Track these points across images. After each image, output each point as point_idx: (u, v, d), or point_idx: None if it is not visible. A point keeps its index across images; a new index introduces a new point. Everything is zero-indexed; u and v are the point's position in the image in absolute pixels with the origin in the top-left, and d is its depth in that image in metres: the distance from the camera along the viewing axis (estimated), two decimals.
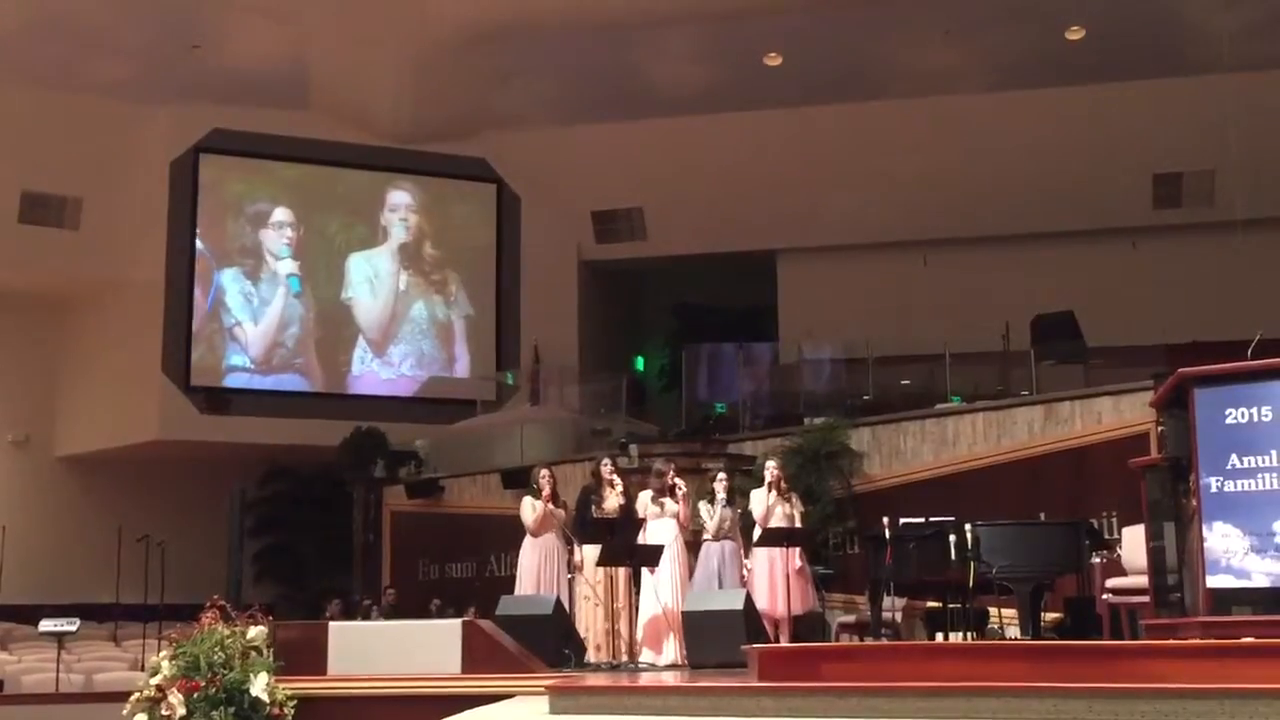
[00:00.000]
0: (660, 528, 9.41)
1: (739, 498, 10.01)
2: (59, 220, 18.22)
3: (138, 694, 6.99)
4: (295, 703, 6.87)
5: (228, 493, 15.07)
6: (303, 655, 7.12)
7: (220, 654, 6.84)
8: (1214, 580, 5.77)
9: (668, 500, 9.52)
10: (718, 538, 9.66)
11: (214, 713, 6.70)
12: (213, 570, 14.60)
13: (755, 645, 6.58)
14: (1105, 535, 9.82)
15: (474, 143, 19.63)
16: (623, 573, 9.31)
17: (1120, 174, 17.30)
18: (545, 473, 9.90)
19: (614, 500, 9.62)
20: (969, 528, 7.99)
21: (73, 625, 12.33)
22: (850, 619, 10.78)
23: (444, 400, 19.07)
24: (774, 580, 9.58)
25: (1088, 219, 17.49)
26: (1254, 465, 5.73)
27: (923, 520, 8.74)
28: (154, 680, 6.92)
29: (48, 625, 12.34)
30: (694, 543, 9.84)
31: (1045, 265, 17.24)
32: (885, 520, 8.73)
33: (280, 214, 19.40)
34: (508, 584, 10.67)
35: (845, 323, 16.49)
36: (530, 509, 9.77)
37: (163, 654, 7.09)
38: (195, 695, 6.74)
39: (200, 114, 18.76)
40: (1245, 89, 15.78)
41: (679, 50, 17.83)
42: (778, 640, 9.23)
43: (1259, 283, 15.94)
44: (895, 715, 5.03)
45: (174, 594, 13.79)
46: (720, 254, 19.18)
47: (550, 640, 8.21)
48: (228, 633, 6.95)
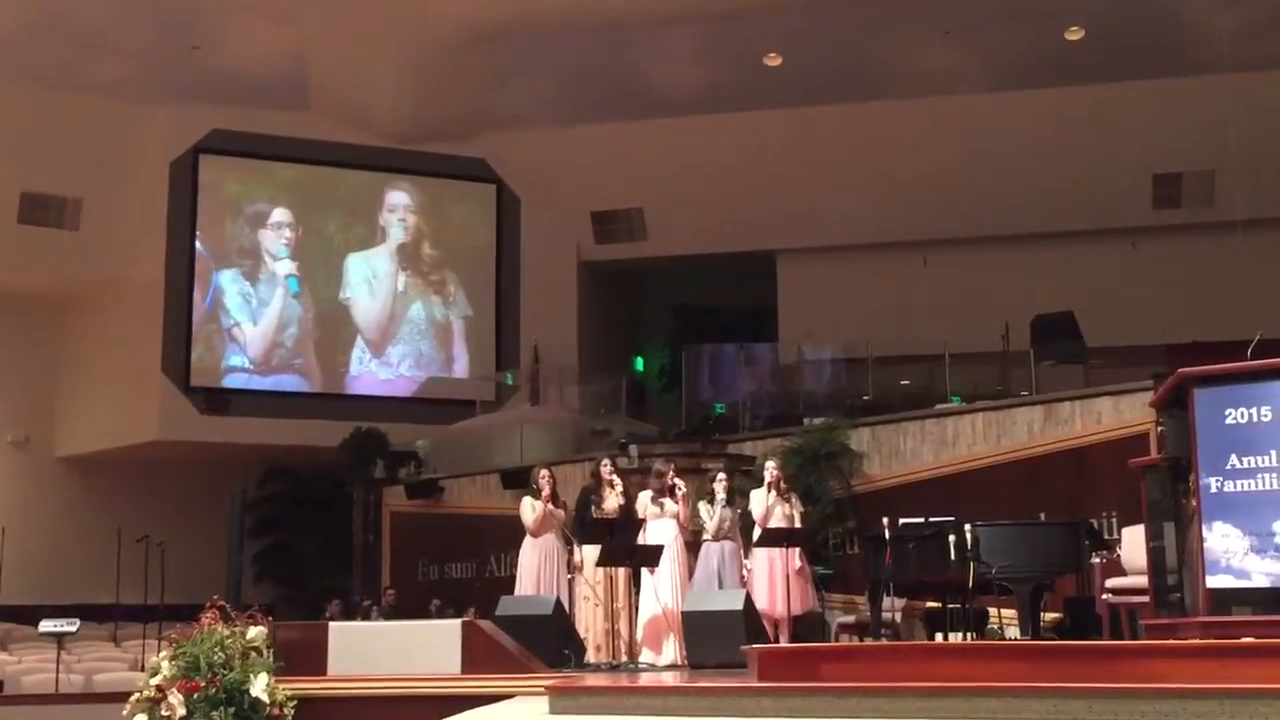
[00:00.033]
0: (660, 528, 9.41)
1: (739, 498, 10.01)
2: (59, 221, 18.22)
3: (138, 694, 6.99)
4: (295, 703, 6.87)
5: (227, 493, 15.06)
6: (303, 655, 7.12)
7: (220, 654, 6.84)
8: (1214, 580, 5.77)
9: (667, 500, 9.53)
10: (717, 538, 9.67)
11: (214, 713, 6.70)
12: (212, 571, 14.60)
13: (755, 645, 6.58)
14: (1105, 535, 9.82)
15: (474, 143, 19.63)
16: (622, 573, 9.31)
17: (1120, 174, 17.30)
18: (545, 473, 9.90)
19: (614, 500, 9.63)
20: (969, 528, 7.99)
21: (73, 626, 12.32)
22: (850, 619, 10.78)
23: (443, 400, 19.05)
24: (774, 580, 9.58)
25: (1088, 219, 17.48)
26: (1254, 465, 5.73)
27: (922, 520, 8.74)
28: (154, 681, 6.92)
29: (48, 626, 12.33)
30: (694, 543, 9.85)
31: (1045, 265, 17.24)
32: (885, 520, 8.73)
33: (279, 214, 19.40)
34: (507, 584, 10.67)
35: (845, 323, 16.47)
36: (530, 509, 9.77)
37: (163, 654, 7.09)
38: (195, 696, 6.74)
39: (200, 114, 18.76)
40: (1245, 89, 15.78)
41: (679, 50, 17.82)
42: (777, 640, 9.23)
43: (1259, 283, 15.93)
44: (895, 715, 5.03)
45: (174, 594, 13.79)
46: (720, 254, 19.16)
47: (550, 640, 8.21)
48: (228, 633, 6.95)
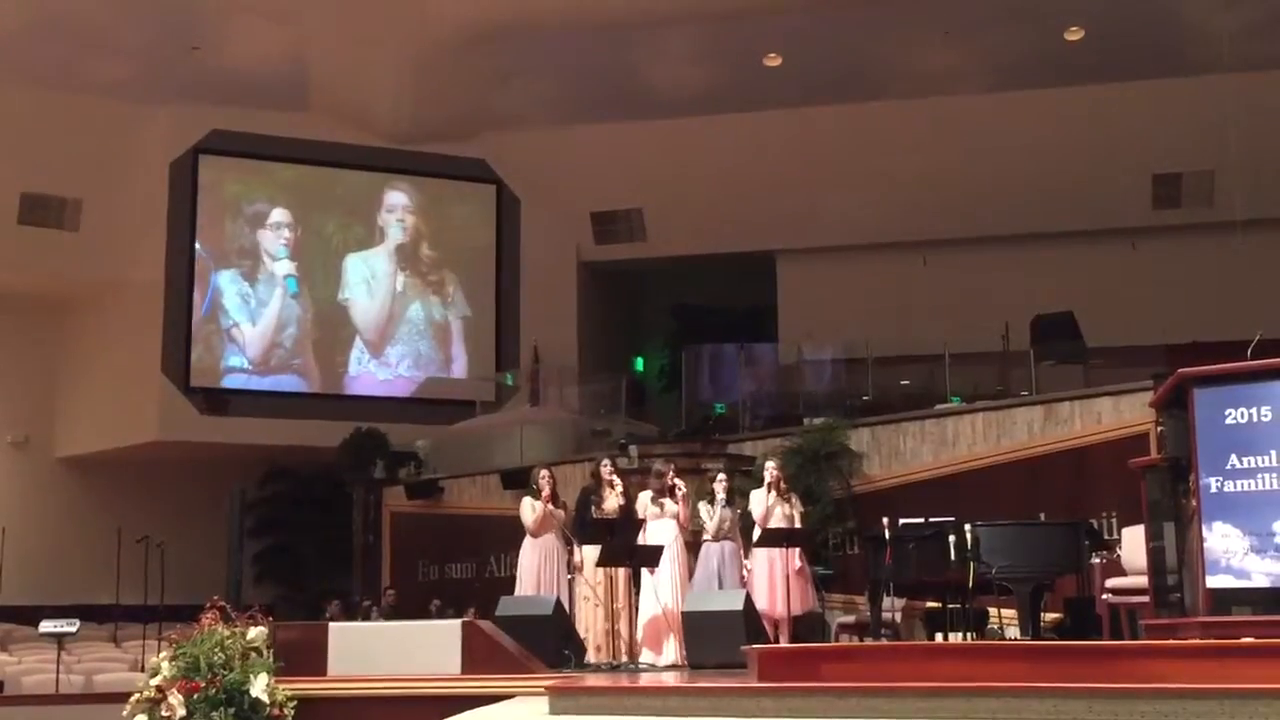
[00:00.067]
0: (660, 528, 9.41)
1: (738, 498, 10.02)
2: (58, 221, 18.21)
3: (138, 695, 6.99)
4: (295, 703, 6.87)
5: (227, 494, 15.06)
6: (303, 656, 7.12)
7: (220, 655, 6.84)
8: (1214, 580, 5.77)
9: (667, 501, 9.53)
10: (717, 538, 9.67)
11: (214, 713, 6.71)
12: (212, 571, 14.60)
13: (755, 646, 6.58)
14: (1105, 535, 9.82)
15: (474, 144, 19.62)
16: (622, 573, 9.31)
17: (1120, 174, 17.29)
18: (545, 473, 9.91)
19: (614, 501, 9.63)
20: (969, 528, 7.99)
21: (73, 626, 12.32)
22: (850, 619, 10.78)
23: (443, 401, 19.04)
24: (774, 581, 9.58)
25: (1087, 219, 17.48)
26: (1254, 465, 5.73)
27: (922, 521, 8.74)
28: (154, 681, 6.92)
29: (48, 626, 12.33)
30: (694, 543, 9.85)
31: (1045, 265, 17.23)
32: (885, 521, 8.74)
33: (278, 215, 19.38)
34: (507, 585, 10.68)
35: (845, 323, 16.47)
36: (530, 509, 9.77)
37: (163, 655, 7.09)
38: (195, 696, 6.74)
39: (200, 115, 18.75)
40: (1245, 89, 15.77)
41: (679, 51, 17.82)
42: (777, 641, 9.24)
43: (1259, 283, 15.93)
44: (895, 715, 5.03)
45: (174, 595, 13.80)
46: (720, 254, 19.15)
47: (550, 641, 8.22)
48: (228, 633, 6.96)
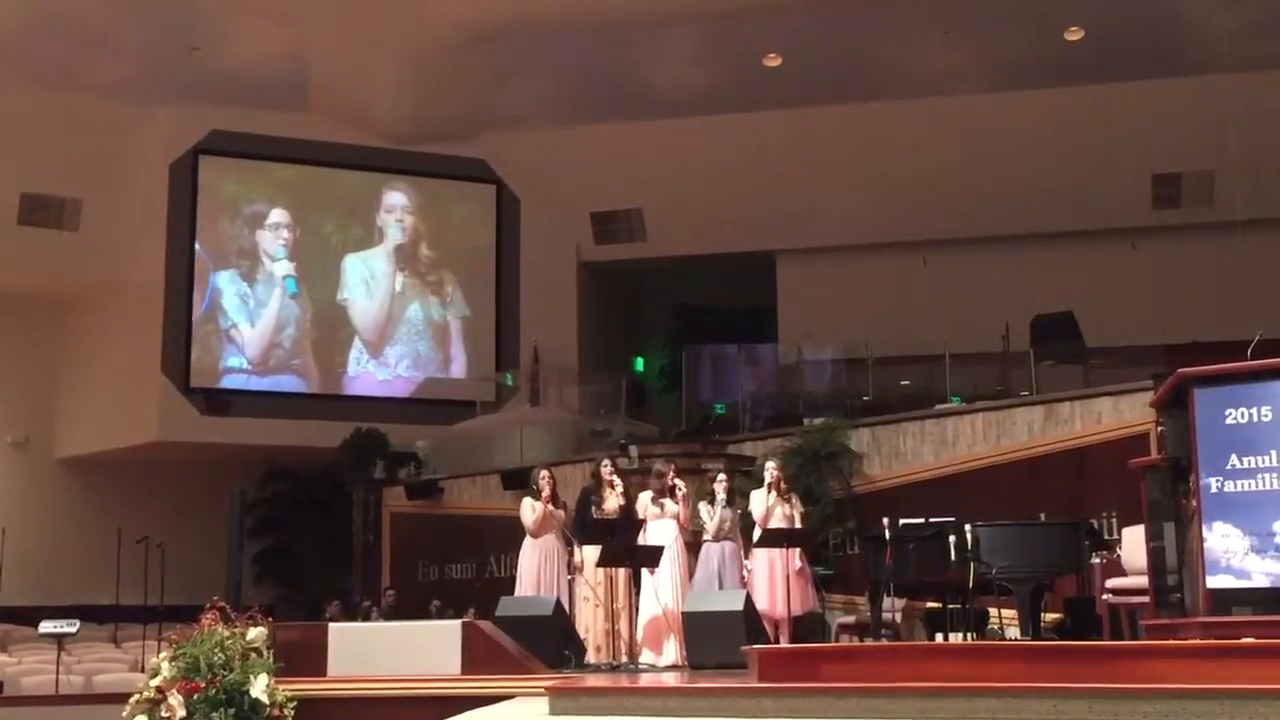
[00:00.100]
0: (660, 528, 9.41)
1: (739, 498, 10.02)
2: (58, 222, 18.20)
3: (138, 695, 6.99)
4: (295, 704, 6.87)
5: (227, 494, 15.06)
6: (303, 656, 7.12)
7: (220, 655, 6.84)
8: (1214, 580, 5.77)
9: (668, 501, 9.53)
10: (718, 538, 9.67)
11: (214, 714, 6.71)
12: (212, 571, 14.60)
13: (755, 646, 6.58)
14: (1105, 535, 9.82)
15: (473, 144, 19.62)
16: (623, 573, 9.31)
17: (1120, 174, 17.29)
18: (545, 474, 9.91)
19: (614, 501, 9.63)
20: (969, 528, 7.99)
21: (73, 626, 12.31)
22: (850, 620, 10.77)
23: (443, 401, 19.03)
24: (774, 581, 9.58)
25: (1087, 219, 17.47)
26: (1254, 465, 5.73)
27: (922, 521, 8.75)
28: (154, 681, 6.92)
29: (48, 627, 12.32)
30: (694, 543, 9.85)
31: (1045, 265, 17.23)
32: (885, 521, 8.74)
33: (276, 215, 19.37)
34: (507, 585, 10.68)
35: (845, 323, 16.47)
36: (530, 510, 9.77)
37: (163, 655, 7.09)
38: (195, 696, 6.74)
39: (199, 115, 18.75)
40: (1245, 89, 15.77)
41: (679, 51, 17.82)
42: (777, 641, 9.24)
43: (1259, 283, 15.93)
44: (895, 715, 5.03)
45: (174, 595, 13.80)
46: (720, 255, 19.15)
47: (550, 641, 8.22)
48: (228, 634, 6.96)
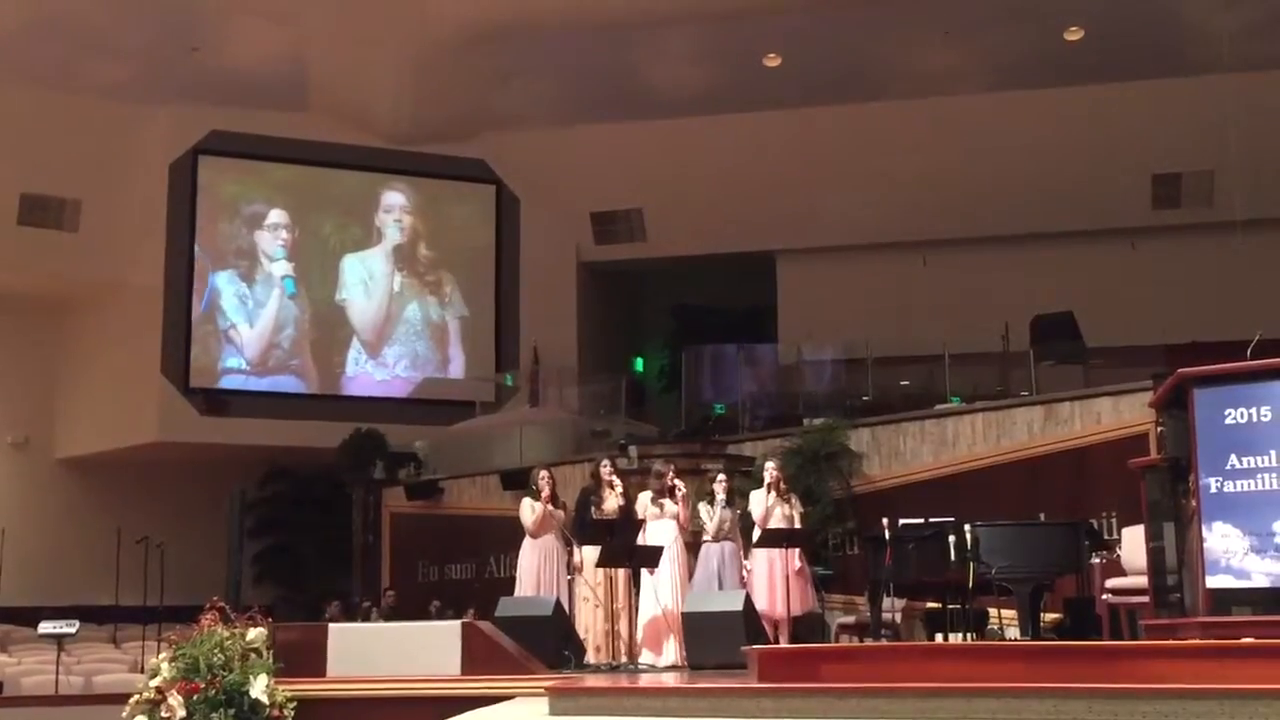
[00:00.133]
0: (660, 529, 9.41)
1: (738, 499, 10.01)
2: (58, 222, 18.19)
3: (137, 696, 6.99)
4: (295, 704, 6.87)
5: (227, 494, 15.09)
6: (302, 657, 7.11)
7: (220, 656, 6.84)
8: (1214, 580, 5.77)
9: (667, 501, 9.53)
10: (717, 539, 9.67)
11: (214, 715, 6.70)
12: (212, 572, 14.61)
13: (755, 646, 6.58)
14: (1105, 536, 9.82)
15: (473, 144, 19.61)
16: (622, 574, 9.31)
17: (1120, 174, 17.29)
18: (544, 474, 9.91)
19: (613, 501, 9.63)
20: (968, 528, 7.99)
21: (72, 627, 12.31)
22: (850, 620, 10.77)
23: (443, 402, 19.02)
24: (773, 581, 9.58)
25: (1087, 219, 17.47)
26: (1253, 465, 5.73)
27: (922, 521, 8.74)
28: (154, 682, 6.92)
29: (47, 627, 12.32)
30: (693, 544, 9.85)
31: (1045, 265, 17.23)
32: (885, 521, 8.74)
33: (275, 216, 19.35)
34: (507, 585, 10.67)
35: (845, 323, 16.46)
36: (530, 510, 9.77)
37: (162, 656, 7.09)
38: (195, 697, 6.73)
39: (199, 115, 18.74)
40: (1245, 89, 15.76)
41: (679, 51, 17.82)
42: (777, 641, 9.24)
43: (1258, 283, 15.92)
44: (895, 715, 5.02)
45: (173, 596, 13.80)
46: (720, 255, 19.14)
47: (550, 641, 8.22)
48: (227, 634, 6.95)
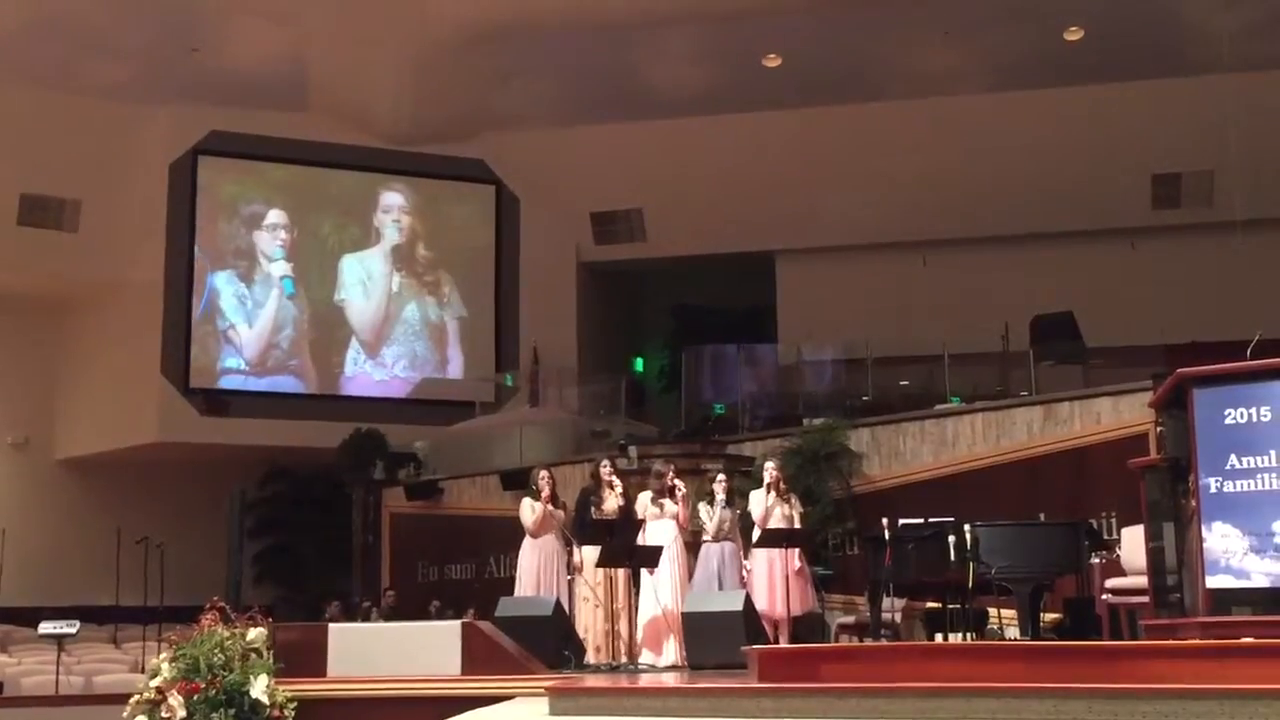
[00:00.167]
0: (659, 529, 9.41)
1: (738, 499, 10.01)
2: (58, 222, 18.18)
3: (138, 696, 6.99)
4: (295, 704, 6.87)
5: (227, 494, 15.12)
6: (302, 657, 7.11)
7: (220, 656, 6.84)
8: (1213, 580, 5.77)
9: (667, 501, 9.54)
10: (717, 539, 9.67)
11: (214, 715, 6.70)
12: (212, 572, 14.63)
13: (755, 646, 6.58)
14: (1105, 536, 9.82)
15: (473, 144, 19.61)
16: (622, 574, 9.32)
17: (1119, 174, 17.29)
18: (544, 474, 9.92)
19: (613, 501, 9.63)
20: (968, 528, 8.00)
21: (72, 627, 12.30)
22: (850, 620, 10.77)
23: (443, 402, 19.02)
24: (773, 581, 9.58)
25: (1087, 219, 17.47)
26: (1253, 465, 5.73)
27: (922, 521, 8.75)
28: (154, 682, 6.92)
29: (47, 627, 12.31)
30: (693, 544, 9.85)
31: (1044, 265, 17.23)
32: (884, 521, 8.74)
33: (274, 216, 19.33)
34: (507, 585, 10.67)
35: (844, 323, 16.46)
36: (529, 510, 9.78)
37: (162, 656, 7.09)
38: (195, 697, 6.74)
39: (199, 116, 18.73)
40: (1245, 89, 15.77)
41: (679, 51, 17.82)
42: (777, 641, 9.24)
43: (1258, 283, 15.93)
44: (895, 715, 5.03)
45: (174, 596, 13.79)
46: (720, 255, 19.14)
47: (550, 641, 8.22)
48: (227, 634, 6.95)
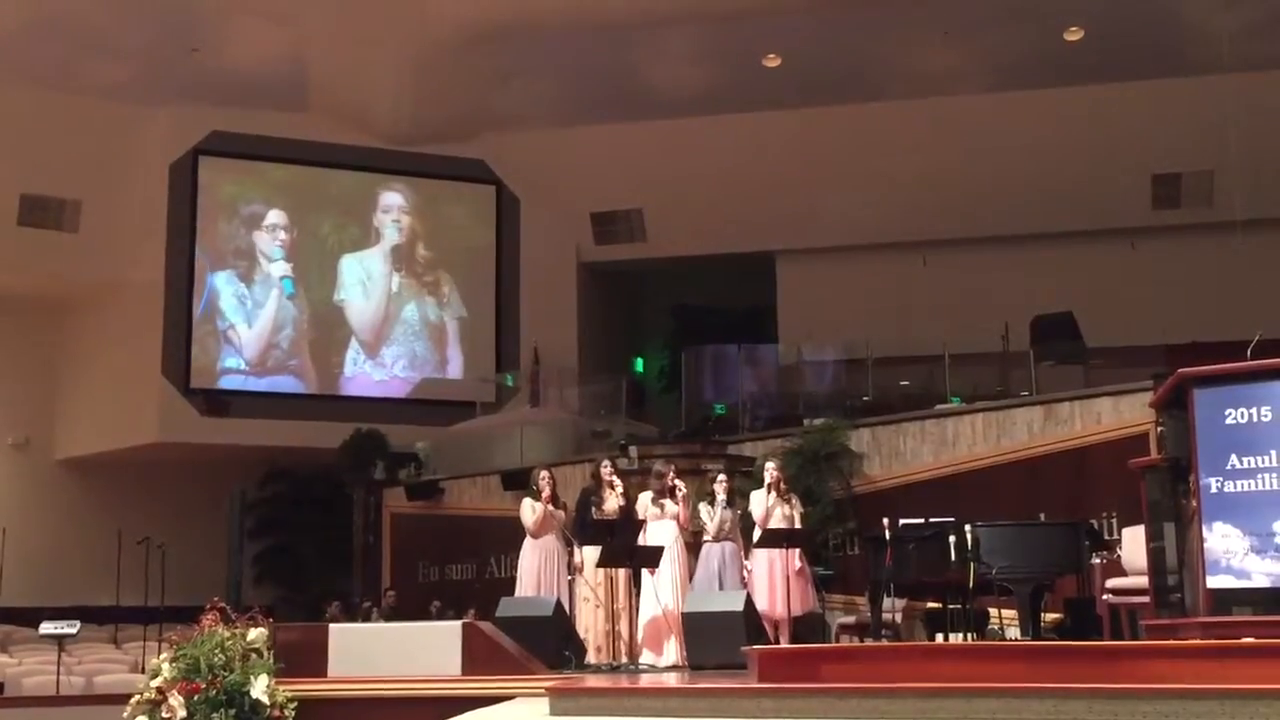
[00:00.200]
0: (660, 529, 9.41)
1: (739, 499, 10.01)
2: (58, 223, 18.18)
3: (138, 696, 6.99)
4: (295, 705, 6.87)
5: (228, 495, 15.13)
6: (303, 657, 7.11)
7: (221, 656, 6.84)
8: (1214, 580, 5.77)
9: (668, 501, 9.54)
10: (718, 539, 9.67)
11: (214, 715, 6.70)
12: (213, 572, 14.64)
13: (755, 646, 6.58)
14: (1105, 536, 9.82)
15: (473, 144, 19.61)
16: (623, 574, 9.32)
17: (1119, 174, 17.29)
18: (545, 474, 9.92)
19: (614, 502, 9.63)
20: (969, 529, 8.00)
21: (73, 627, 12.31)
22: (850, 620, 10.78)
23: (443, 402, 19.02)
24: (774, 581, 9.58)
25: (1087, 219, 17.47)
26: (1254, 465, 5.73)
27: (922, 521, 8.75)
28: (154, 682, 6.92)
29: (48, 628, 12.32)
30: (694, 544, 9.85)
31: (1045, 265, 17.22)
32: (885, 521, 8.74)
33: (274, 216, 19.33)
34: (508, 585, 10.68)
35: (845, 323, 16.46)
36: (530, 510, 9.78)
37: (163, 656, 7.09)
38: (196, 697, 6.74)
39: (199, 116, 18.73)
40: (1245, 89, 15.76)
41: (679, 51, 17.82)
42: (777, 641, 9.24)
43: (1258, 283, 15.92)
44: (895, 716, 5.03)
45: (174, 596, 13.80)
46: (720, 255, 19.14)
47: (550, 642, 8.22)
48: (228, 635, 6.95)
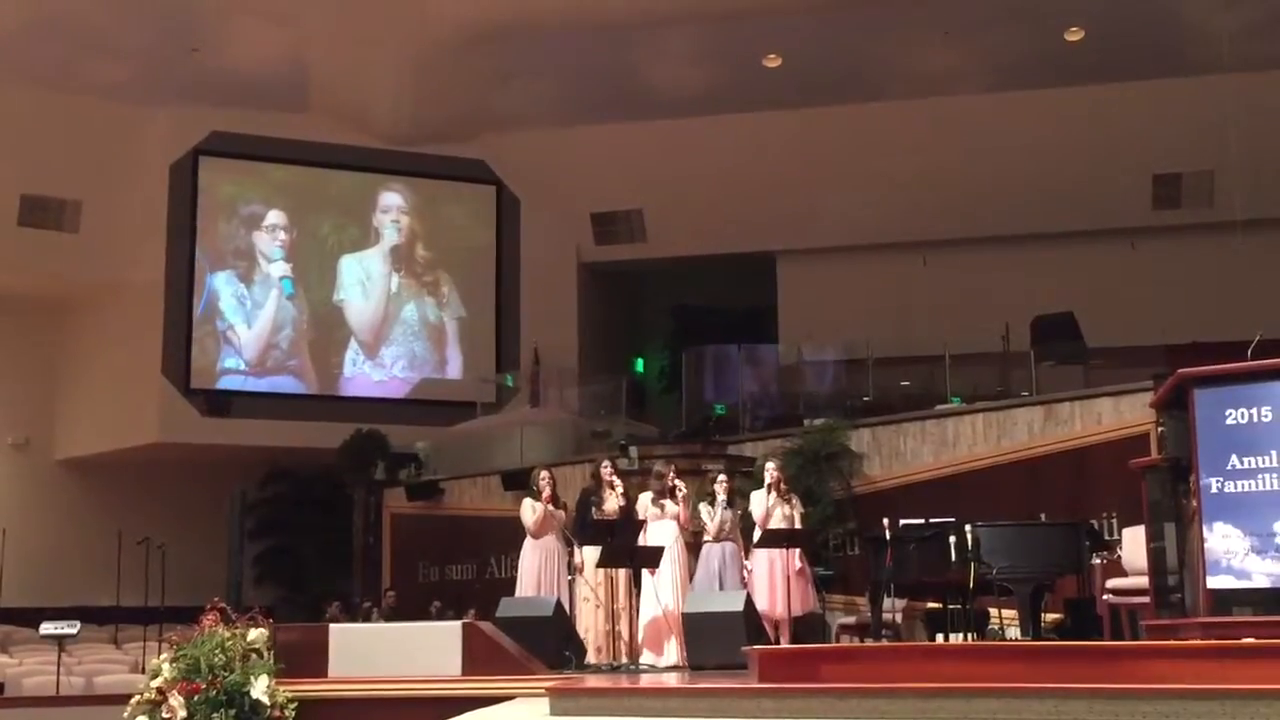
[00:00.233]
0: (660, 529, 9.42)
1: (739, 499, 10.02)
2: (58, 223, 18.18)
3: (138, 696, 7.00)
4: (296, 705, 6.87)
5: (228, 495, 15.11)
6: (303, 657, 7.11)
7: (221, 656, 6.84)
8: (1214, 581, 5.77)
9: (668, 502, 9.54)
10: (718, 539, 9.67)
11: (214, 715, 6.71)
12: (213, 573, 14.62)
13: (755, 647, 6.58)
14: (1105, 536, 9.82)
15: (473, 145, 19.60)
16: (623, 574, 9.32)
17: (1120, 174, 17.28)
18: (545, 474, 9.92)
19: (614, 502, 9.64)
20: (969, 529, 8.01)
21: (73, 628, 12.30)
22: (850, 620, 10.78)
23: (443, 402, 19.02)
24: (774, 581, 9.59)
25: (1087, 219, 17.47)
26: (1254, 466, 5.74)
27: (923, 521, 8.75)
28: (154, 683, 6.93)
29: (48, 628, 12.32)
30: (694, 544, 9.85)
31: (1045, 266, 17.22)
32: (885, 521, 8.74)
33: (273, 217, 19.32)
34: (508, 586, 10.69)
35: (845, 323, 16.46)
36: (530, 510, 9.78)
37: (163, 656, 7.10)
38: (196, 698, 6.74)
39: (199, 116, 18.73)
40: (1245, 89, 15.76)
41: (679, 51, 17.81)
42: (778, 641, 9.24)
43: (1259, 283, 15.92)
44: (895, 716, 5.03)
45: (174, 596, 13.81)
46: (720, 255, 19.14)
47: (551, 642, 8.23)
48: (228, 635, 6.96)
